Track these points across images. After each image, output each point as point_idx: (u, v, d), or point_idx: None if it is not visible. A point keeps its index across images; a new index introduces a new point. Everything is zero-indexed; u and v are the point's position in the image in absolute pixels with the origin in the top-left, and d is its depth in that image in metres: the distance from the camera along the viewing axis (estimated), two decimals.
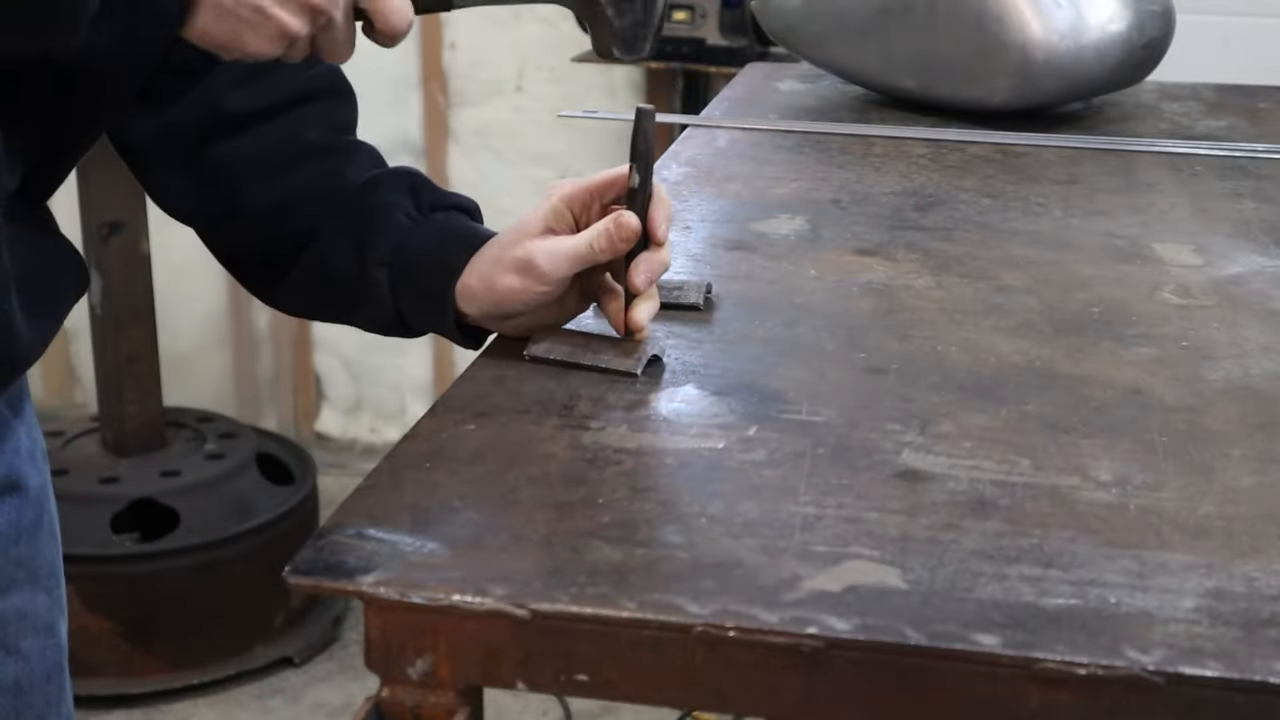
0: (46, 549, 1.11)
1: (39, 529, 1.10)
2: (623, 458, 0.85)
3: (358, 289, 1.04)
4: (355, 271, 1.04)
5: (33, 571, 1.09)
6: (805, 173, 1.52)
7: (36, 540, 1.09)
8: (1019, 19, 1.66)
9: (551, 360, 0.98)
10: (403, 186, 1.05)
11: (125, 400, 2.65)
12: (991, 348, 1.03)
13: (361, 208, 1.05)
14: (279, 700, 2.58)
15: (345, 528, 0.77)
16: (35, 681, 1.09)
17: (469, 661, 0.71)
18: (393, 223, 1.03)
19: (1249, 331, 1.08)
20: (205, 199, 1.10)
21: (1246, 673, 0.66)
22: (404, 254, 1.02)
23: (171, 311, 3.13)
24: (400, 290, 1.03)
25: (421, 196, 1.05)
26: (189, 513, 2.56)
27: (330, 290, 1.07)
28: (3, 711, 1.06)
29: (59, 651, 1.13)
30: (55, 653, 1.12)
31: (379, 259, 1.02)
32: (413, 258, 1.02)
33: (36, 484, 1.09)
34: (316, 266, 1.06)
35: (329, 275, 1.06)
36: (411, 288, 1.03)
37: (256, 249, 1.10)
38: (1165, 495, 0.82)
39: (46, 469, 1.12)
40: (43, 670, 1.10)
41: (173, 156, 1.09)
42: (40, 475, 1.11)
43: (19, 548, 1.07)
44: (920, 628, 0.68)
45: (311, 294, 1.09)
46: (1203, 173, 1.56)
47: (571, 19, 2.78)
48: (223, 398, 3.30)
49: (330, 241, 1.05)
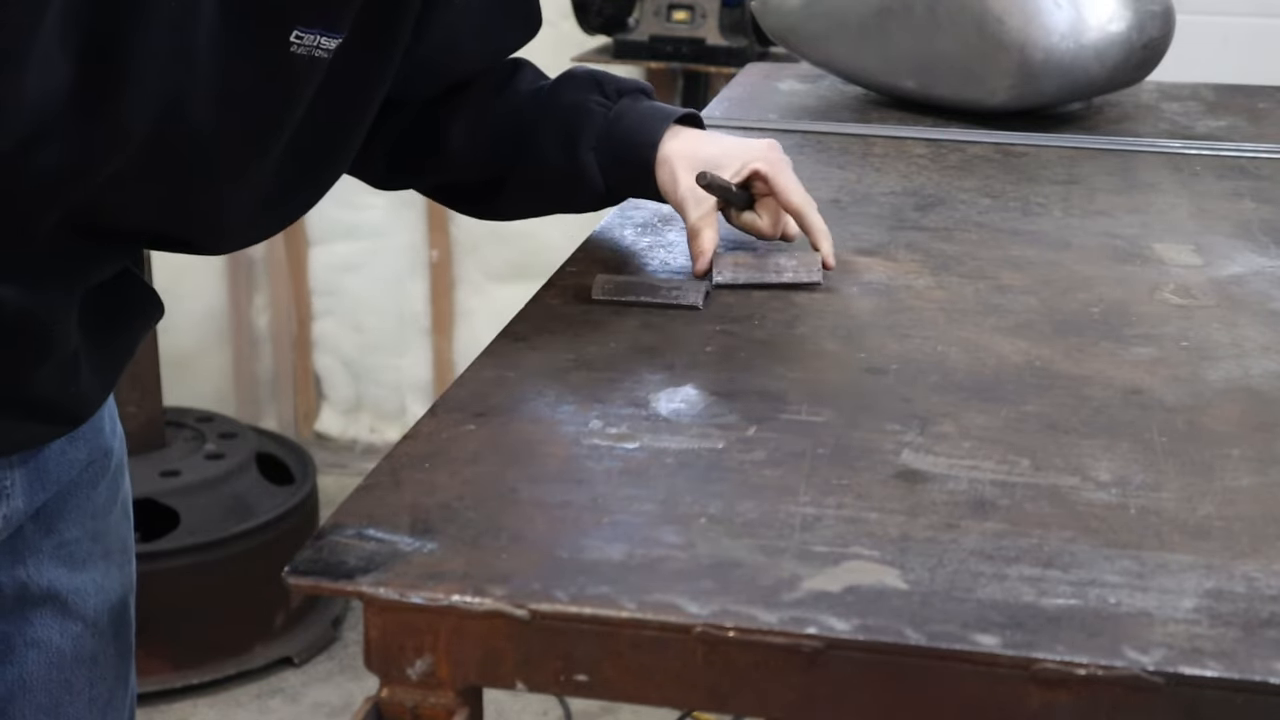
0: (120, 525, 1.16)
1: (113, 505, 1.15)
2: (622, 458, 0.85)
3: (570, 177, 1.18)
4: (567, 163, 1.17)
5: (108, 547, 1.14)
6: (805, 173, 1.51)
7: (111, 516, 1.14)
8: (1019, 19, 1.66)
9: (617, 301, 1.09)
10: (588, 83, 1.19)
11: (125, 400, 2.65)
12: (991, 348, 1.03)
13: (559, 106, 1.18)
14: (279, 700, 2.58)
15: (345, 528, 0.77)
16: (109, 657, 1.14)
17: (468, 662, 0.71)
18: (591, 114, 1.17)
19: (1249, 331, 1.08)
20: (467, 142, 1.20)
21: (1246, 673, 0.66)
22: (608, 139, 1.17)
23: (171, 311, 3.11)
24: (609, 170, 1.17)
25: (606, 86, 1.19)
26: (189, 513, 2.56)
27: (546, 186, 1.20)
28: (79, 682, 1.11)
29: (129, 628, 1.18)
30: (126, 630, 1.17)
31: (588, 145, 1.16)
32: (615, 141, 1.17)
33: (118, 464, 1.16)
34: (534, 170, 1.19)
35: (544, 172, 1.18)
36: (619, 168, 1.17)
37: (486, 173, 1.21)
38: (1165, 495, 0.82)
39: (124, 451, 1.19)
40: (115, 646, 1.15)
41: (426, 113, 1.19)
42: (120, 457, 1.17)
43: (97, 522, 1.13)
44: (920, 628, 0.68)
45: (528, 195, 1.22)
46: (1203, 173, 1.56)
47: (572, 19, 2.79)
48: (223, 398, 3.30)
49: (541, 145, 1.18)
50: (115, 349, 1.07)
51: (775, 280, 1.14)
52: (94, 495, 1.12)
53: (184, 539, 2.54)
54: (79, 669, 1.11)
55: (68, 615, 1.10)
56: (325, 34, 0.94)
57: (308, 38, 0.93)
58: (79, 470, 1.10)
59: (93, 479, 1.12)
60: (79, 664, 1.11)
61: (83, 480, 1.11)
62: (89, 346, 1.01)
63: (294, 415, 3.36)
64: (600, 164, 1.16)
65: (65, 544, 1.10)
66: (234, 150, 0.96)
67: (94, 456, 1.12)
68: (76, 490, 1.10)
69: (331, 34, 0.95)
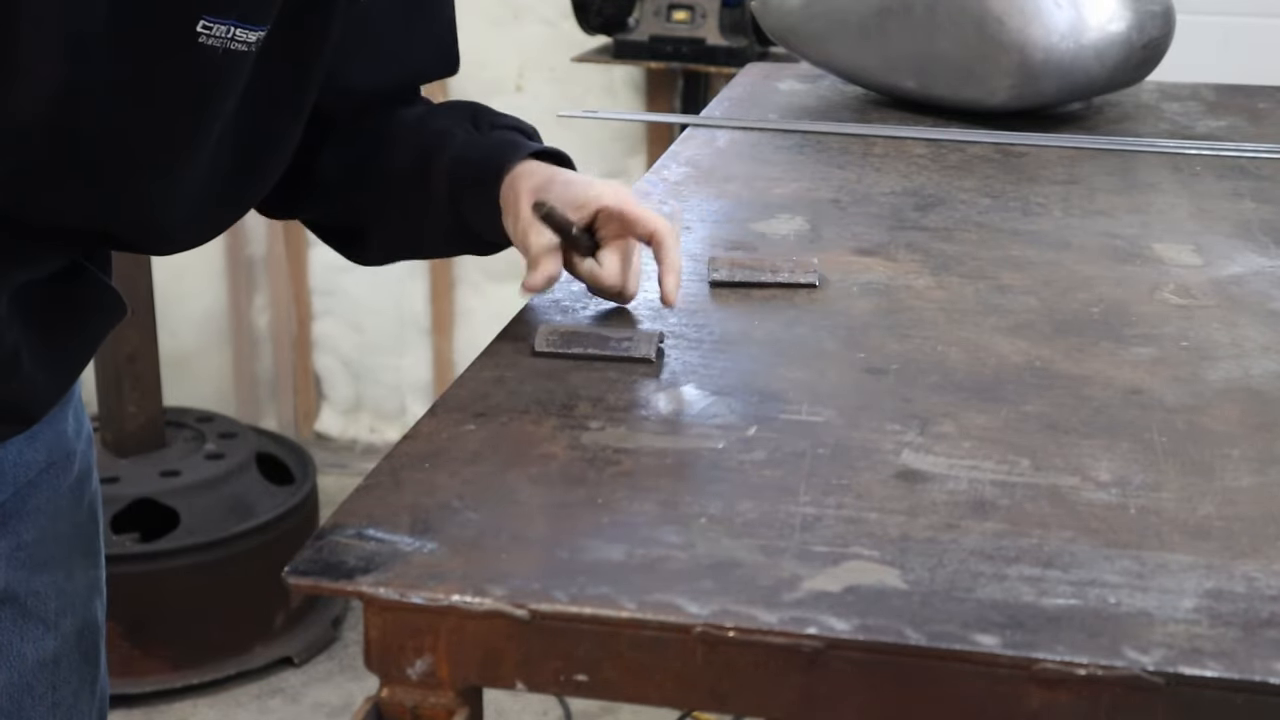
0: (85, 528, 1.14)
1: (78, 508, 1.13)
2: (622, 458, 0.85)
3: (419, 199, 1.09)
4: (418, 182, 1.09)
5: (71, 550, 1.12)
6: (805, 173, 1.52)
7: (74, 518, 1.13)
8: (1019, 19, 1.66)
9: (562, 354, 0.99)
10: (464, 113, 1.13)
11: (125, 400, 2.65)
12: (991, 348, 1.03)
13: (427, 131, 1.11)
14: (279, 700, 2.58)
15: (345, 528, 0.77)
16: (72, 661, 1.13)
17: (468, 662, 0.71)
18: (454, 139, 1.09)
19: (1249, 331, 1.08)
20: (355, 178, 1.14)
21: (1246, 673, 0.66)
22: (462, 163, 1.08)
23: (171, 311, 3.13)
24: (458, 194, 1.07)
25: (481, 118, 1.12)
26: (189, 513, 2.56)
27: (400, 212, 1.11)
28: (40, 685, 1.10)
29: (96, 632, 1.16)
30: (92, 633, 1.15)
31: (440, 167, 1.08)
32: (468, 164, 1.07)
33: (83, 466, 1.14)
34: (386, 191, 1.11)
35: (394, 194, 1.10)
36: (468, 191, 1.07)
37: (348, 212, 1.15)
38: (1165, 495, 0.82)
39: (92, 453, 1.16)
40: (80, 649, 1.14)
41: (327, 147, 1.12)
42: (86, 458, 1.15)
43: (58, 525, 1.10)
44: (920, 628, 0.68)
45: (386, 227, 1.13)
46: (1203, 173, 1.56)
47: (572, 19, 2.79)
48: (223, 398, 3.30)
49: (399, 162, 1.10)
50: (69, 348, 1.04)
51: (771, 280, 1.14)
52: (55, 498, 1.10)
53: (184, 539, 2.54)
54: (40, 673, 1.09)
55: (27, 618, 1.08)
56: (241, 25, 0.90)
57: (218, 28, 0.89)
58: (38, 471, 1.08)
59: (54, 481, 1.09)
60: (40, 668, 1.09)
61: (42, 482, 1.08)
62: (36, 343, 0.99)
63: (294, 415, 3.36)
64: (450, 187, 1.07)
65: (24, 545, 1.07)
66: (151, 145, 0.92)
67: (54, 458, 1.09)
68: (35, 492, 1.08)
69: (248, 25, 0.90)
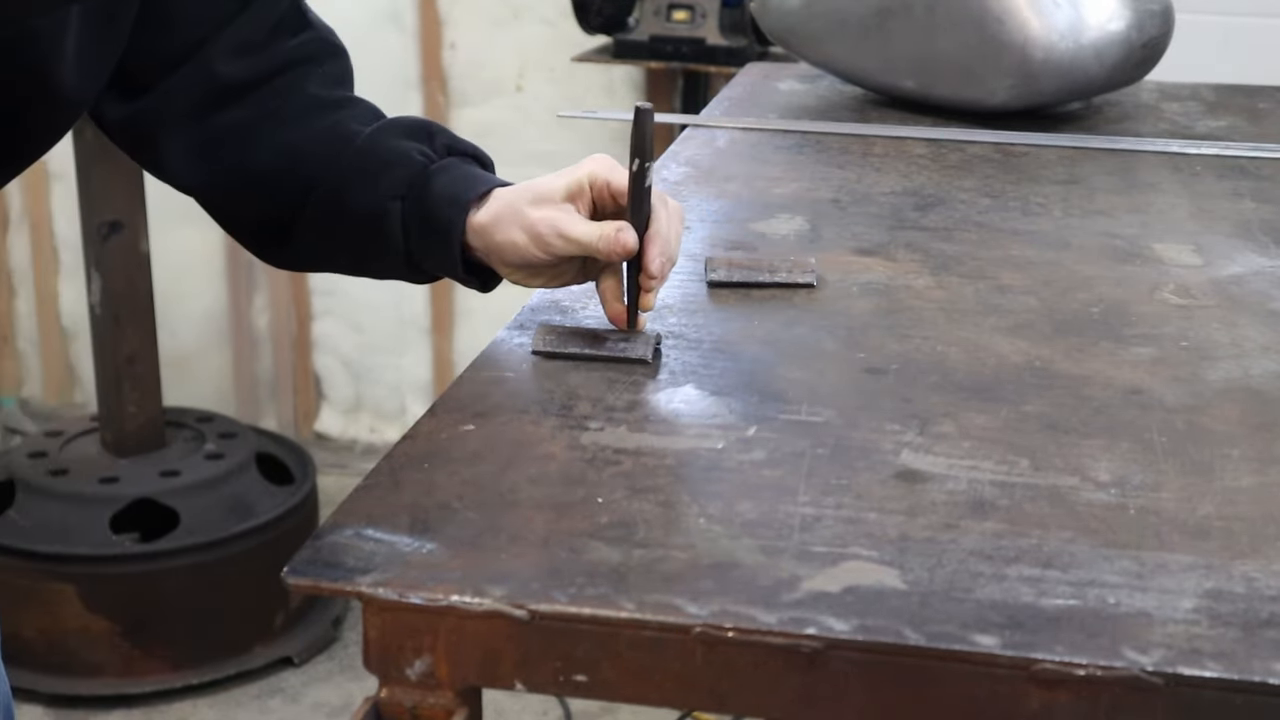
0: None
1: None
2: (622, 458, 0.85)
3: (370, 226, 1.04)
4: (370, 208, 1.04)
5: None
6: (805, 173, 1.52)
7: None
8: (1019, 19, 1.66)
9: (560, 355, 0.99)
10: (419, 131, 1.07)
11: (125, 400, 2.65)
12: (991, 348, 1.03)
13: (377, 149, 1.05)
14: (279, 700, 2.58)
15: (344, 528, 0.76)
16: None
17: (468, 662, 0.71)
18: (409, 161, 1.04)
19: (1249, 331, 1.08)
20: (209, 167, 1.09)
21: (1246, 673, 0.66)
22: (418, 189, 1.03)
23: (171, 311, 3.13)
24: (411, 225, 1.03)
25: (436, 140, 1.07)
26: (189, 513, 2.56)
27: (343, 232, 1.07)
28: None
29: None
30: None
31: (394, 193, 1.03)
32: (427, 193, 1.03)
33: None
34: (331, 211, 1.06)
35: (344, 216, 1.06)
36: (422, 223, 1.03)
37: (261, 209, 1.10)
38: (1165, 495, 0.82)
39: None
40: None
41: (173, 129, 1.08)
42: None
43: None
44: (919, 628, 0.68)
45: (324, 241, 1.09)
46: (1203, 173, 1.56)
47: (572, 19, 2.78)
48: (223, 398, 3.30)
49: (346, 183, 1.05)
50: None
51: (769, 280, 1.14)
52: None
53: (184, 539, 2.54)
54: None
55: None
56: None
57: None
58: None
59: None
60: None
61: None
62: None
63: (294, 415, 3.36)
64: (403, 215, 1.03)
65: None
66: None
67: None
68: None
69: None
